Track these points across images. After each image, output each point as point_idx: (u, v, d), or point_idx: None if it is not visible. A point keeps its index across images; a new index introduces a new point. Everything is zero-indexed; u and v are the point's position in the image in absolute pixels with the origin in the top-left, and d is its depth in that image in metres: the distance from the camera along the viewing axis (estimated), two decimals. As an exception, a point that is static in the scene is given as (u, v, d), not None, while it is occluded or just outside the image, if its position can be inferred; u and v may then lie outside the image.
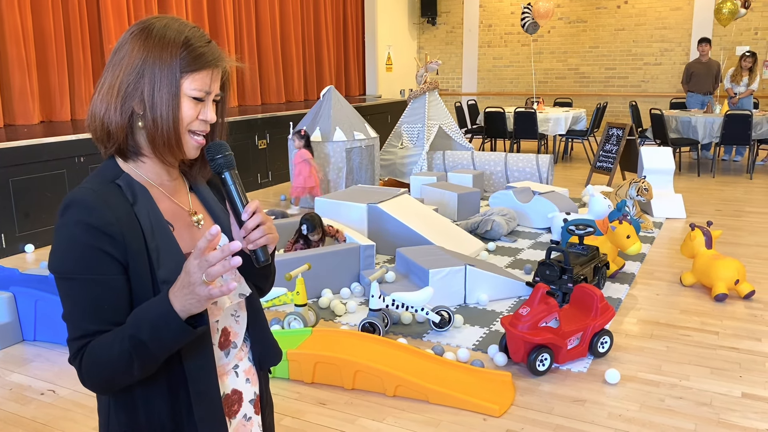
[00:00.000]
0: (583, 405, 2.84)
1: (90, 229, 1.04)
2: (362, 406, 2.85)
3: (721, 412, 2.78)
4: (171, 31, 1.09)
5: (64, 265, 1.05)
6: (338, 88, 11.51)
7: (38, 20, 6.58)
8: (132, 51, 1.09)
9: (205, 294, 0.99)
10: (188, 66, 1.09)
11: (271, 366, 1.32)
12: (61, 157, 5.45)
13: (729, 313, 3.88)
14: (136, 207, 1.10)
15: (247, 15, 9.40)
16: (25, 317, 3.57)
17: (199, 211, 1.23)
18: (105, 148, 1.14)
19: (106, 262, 1.05)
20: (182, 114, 1.10)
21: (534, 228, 5.87)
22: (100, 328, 1.05)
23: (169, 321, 1.01)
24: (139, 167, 1.15)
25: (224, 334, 1.21)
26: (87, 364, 1.05)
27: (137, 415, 1.12)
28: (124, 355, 1.03)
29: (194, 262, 1.00)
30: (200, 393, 1.13)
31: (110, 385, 1.07)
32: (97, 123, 1.12)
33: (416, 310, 3.53)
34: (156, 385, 1.11)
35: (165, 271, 1.08)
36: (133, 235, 1.07)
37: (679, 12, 11.09)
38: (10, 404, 2.93)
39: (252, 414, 1.28)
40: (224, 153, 1.13)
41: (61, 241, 1.05)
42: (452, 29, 13.03)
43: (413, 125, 7.67)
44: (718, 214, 6.35)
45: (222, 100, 1.18)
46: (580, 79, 12.08)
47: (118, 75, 1.09)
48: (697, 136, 8.59)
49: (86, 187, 1.08)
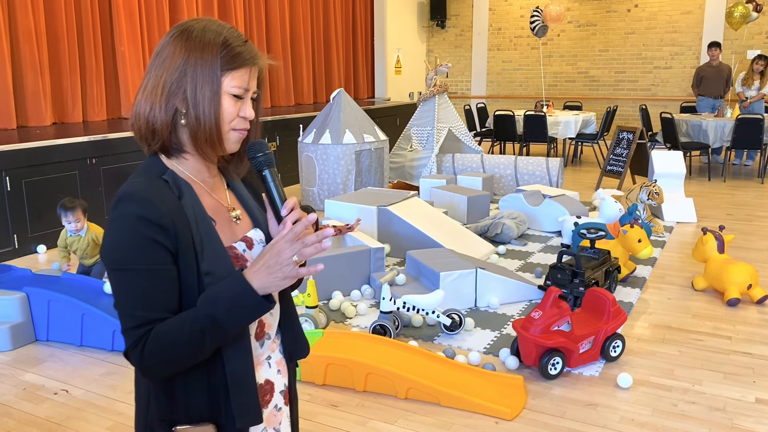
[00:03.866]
0: (595, 409, 2.83)
1: (143, 221, 1.07)
2: (374, 408, 2.85)
3: (735, 417, 2.77)
4: (210, 32, 1.14)
5: (118, 256, 1.08)
6: (348, 90, 11.53)
7: (51, 22, 6.62)
8: (174, 52, 1.14)
9: (294, 273, 1.07)
10: (228, 65, 1.14)
11: (300, 358, 1.36)
12: (73, 158, 5.49)
13: (741, 318, 3.86)
14: (183, 201, 1.15)
15: (257, 17, 9.43)
16: (38, 317, 3.59)
17: (236, 207, 1.28)
18: (149, 145, 1.18)
19: (159, 253, 1.09)
20: (223, 111, 1.15)
21: (544, 231, 5.85)
22: (159, 315, 1.09)
23: (247, 298, 1.07)
24: (181, 164, 1.20)
25: (260, 325, 1.25)
26: (151, 351, 1.07)
27: (176, 401, 1.16)
28: (196, 335, 1.07)
29: (287, 244, 1.07)
30: (237, 381, 1.16)
31: (174, 368, 1.10)
32: (142, 122, 1.16)
33: (427, 312, 3.53)
34: (196, 373, 1.15)
35: (208, 263, 1.13)
36: (181, 227, 1.12)
37: (690, 16, 11.04)
38: (23, 404, 2.95)
39: (282, 405, 1.32)
40: (265, 151, 1.19)
41: (116, 233, 1.09)
42: (462, 32, 13.03)
43: (423, 128, 7.67)
44: (729, 219, 6.31)
45: (258, 97, 1.23)
46: (589, 82, 12.05)
47: (161, 75, 1.14)
48: (707, 140, 8.55)
49: (137, 181, 1.13)
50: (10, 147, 5.03)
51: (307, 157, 6.76)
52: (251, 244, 1.23)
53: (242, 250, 1.21)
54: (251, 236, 1.24)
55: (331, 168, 6.61)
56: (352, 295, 4.16)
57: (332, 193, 6.61)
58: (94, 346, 3.52)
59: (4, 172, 4.99)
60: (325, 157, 6.60)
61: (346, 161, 6.62)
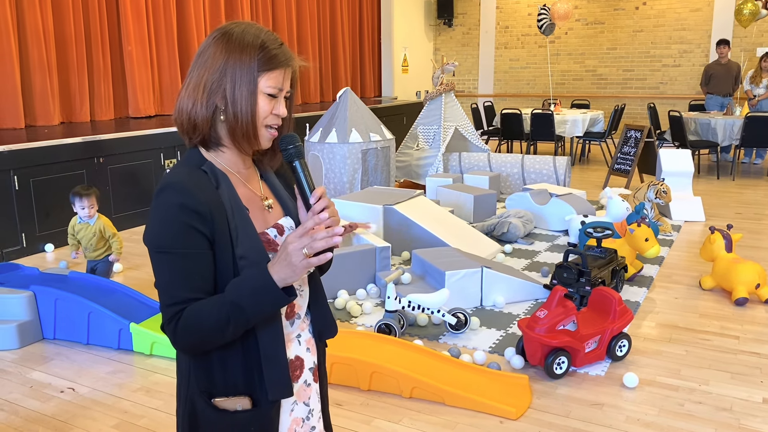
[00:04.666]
0: (601, 409, 2.82)
1: (184, 209, 1.17)
2: (378, 407, 2.85)
3: (742, 417, 2.75)
4: (249, 35, 1.23)
5: (160, 240, 1.18)
6: (354, 89, 11.52)
7: (59, 23, 6.66)
8: (215, 53, 1.23)
9: (304, 264, 1.14)
10: (264, 66, 1.23)
11: (329, 338, 1.44)
12: (80, 157, 5.51)
13: (749, 318, 3.83)
14: (220, 190, 1.24)
15: (264, 17, 9.44)
16: (45, 316, 3.61)
17: (269, 196, 1.37)
18: (190, 139, 1.28)
19: (197, 238, 1.18)
20: (259, 109, 1.24)
21: (551, 230, 5.83)
22: (194, 296, 1.18)
23: (269, 290, 1.16)
24: (219, 156, 1.29)
25: (290, 306, 1.33)
26: (183, 327, 1.17)
27: (214, 376, 1.25)
28: (222, 319, 1.16)
29: (295, 238, 1.15)
30: (270, 357, 1.25)
31: (202, 346, 1.20)
32: (184, 117, 1.25)
33: (432, 311, 3.53)
34: (232, 349, 1.24)
35: (242, 248, 1.22)
36: (218, 214, 1.21)
37: (699, 13, 10.98)
38: (30, 402, 2.97)
39: (311, 381, 1.40)
40: (295, 144, 1.27)
41: (158, 219, 1.18)
42: (469, 31, 13.00)
43: (429, 127, 7.66)
44: (737, 217, 6.27)
45: (291, 96, 1.31)
46: (597, 80, 11.99)
47: (202, 75, 1.23)
48: (716, 139, 8.50)
49: (179, 171, 1.22)
50: (19, 146, 5.06)
51: (313, 156, 6.76)
52: (282, 230, 1.32)
53: (274, 236, 1.30)
54: (282, 223, 1.33)
55: (338, 167, 6.61)
56: (357, 294, 4.16)
57: (338, 192, 6.62)
58: (101, 344, 3.53)
59: (12, 171, 5.02)
60: (332, 156, 6.60)
61: (352, 160, 6.62)
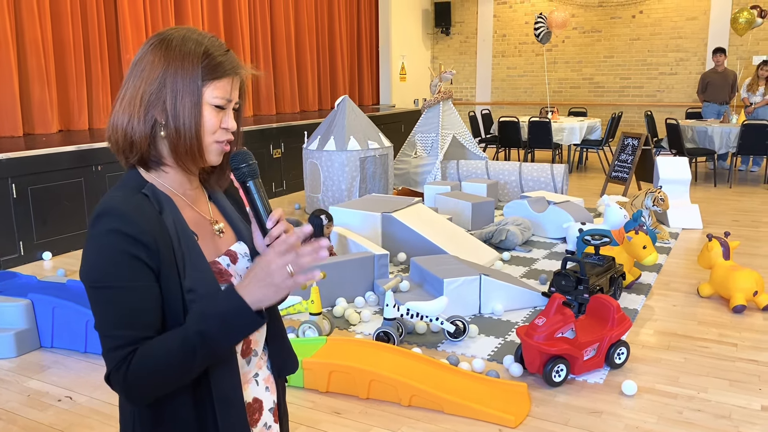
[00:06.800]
0: (600, 416, 2.82)
1: (124, 237, 1.03)
2: (377, 416, 2.84)
3: (741, 425, 2.75)
4: (190, 41, 1.11)
5: (99, 274, 1.04)
6: (352, 97, 11.55)
7: (58, 31, 6.67)
8: (153, 62, 1.10)
9: (290, 283, 1.04)
10: (209, 75, 1.10)
11: (289, 374, 1.32)
12: (78, 165, 5.51)
13: (747, 325, 3.83)
14: (164, 215, 1.10)
15: (262, 25, 9.47)
16: (43, 324, 3.60)
17: (219, 220, 1.23)
18: (127, 158, 1.14)
19: (141, 270, 1.04)
20: (204, 122, 1.11)
21: (549, 238, 5.84)
22: (144, 334, 1.04)
23: (241, 314, 1.03)
24: (161, 177, 1.15)
25: (246, 342, 1.21)
26: (136, 372, 1.02)
27: (163, 425, 1.12)
28: (187, 353, 1.03)
29: (277, 255, 1.04)
30: (225, 401, 1.12)
31: (161, 389, 1.05)
32: (119, 134, 1.12)
33: (431, 319, 3.52)
34: (182, 394, 1.11)
35: (189, 280, 1.09)
36: (163, 243, 1.07)
37: (695, 22, 11.03)
38: (28, 410, 2.95)
39: (271, 422, 1.28)
40: (248, 162, 1.15)
41: (95, 250, 1.04)
42: (466, 39, 13.05)
43: (427, 134, 7.68)
44: (735, 225, 6.29)
45: (239, 108, 1.19)
46: (594, 88, 12.04)
47: (139, 86, 1.10)
48: (713, 146, 8.53)
49: (117, 196, 1.09)
50: (17, 154, 5.06)
51: (311, 163, 6.77)
52: (235, 258, 1.19)
53: (226, 265, 1.17)
54: (235, 250, 1.21)
55: (336, 174, 6.62)
56: (355, 302, 4.16)
57: (337, 199, 6.62)
58: (99, 353, 3.52)
59: (10, 179, 5.02)
60: (330, 164, 6.61)
61: (350, 168, 6.63)
